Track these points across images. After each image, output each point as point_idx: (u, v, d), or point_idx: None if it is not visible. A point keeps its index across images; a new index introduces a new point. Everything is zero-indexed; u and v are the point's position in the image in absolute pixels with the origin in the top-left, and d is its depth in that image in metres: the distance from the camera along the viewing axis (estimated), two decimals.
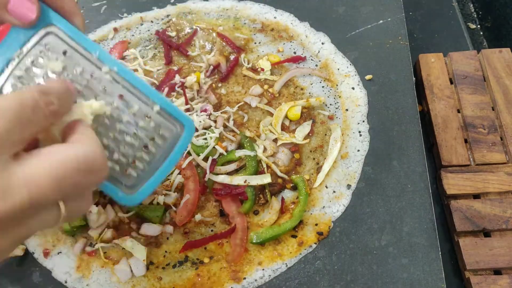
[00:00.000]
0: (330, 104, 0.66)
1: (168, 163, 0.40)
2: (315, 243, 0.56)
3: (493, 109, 0.69)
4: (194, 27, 0.75)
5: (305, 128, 0.64)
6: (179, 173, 0.60)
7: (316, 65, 0.69)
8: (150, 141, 0.39)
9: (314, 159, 0.62)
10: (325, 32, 0.71)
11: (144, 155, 0.39)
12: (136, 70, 0.71)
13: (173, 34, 0.74)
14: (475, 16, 0.92)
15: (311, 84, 0.68)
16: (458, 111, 0.69)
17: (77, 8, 0.38)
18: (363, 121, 0.64)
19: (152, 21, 0.77)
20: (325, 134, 0.64)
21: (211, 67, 0.70)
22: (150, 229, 0.57)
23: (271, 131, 0.63)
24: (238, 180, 0.59)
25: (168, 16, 0.77)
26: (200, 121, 0.63)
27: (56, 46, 0.37)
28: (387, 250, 0.55)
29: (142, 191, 0.39)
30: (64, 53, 0.37)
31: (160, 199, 0.58)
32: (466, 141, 0.67)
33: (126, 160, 0.39)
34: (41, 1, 0.36)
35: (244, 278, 0.54)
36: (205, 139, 0.62)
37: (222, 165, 0.61)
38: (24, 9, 0.34)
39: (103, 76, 0.38)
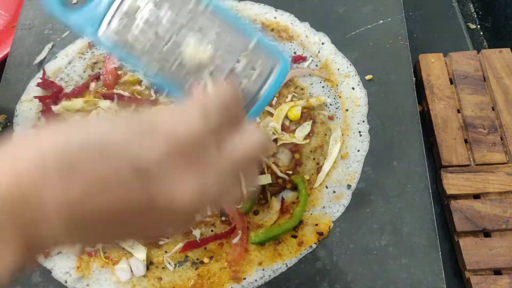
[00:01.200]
0: (330, 104, 0.66)
1: (267, 94, 0.40)
2: (315, 243, 0.56)
3: (493, 109, 0.69)
4: None
5: (305, 128, 0.64)
6: None
7: (316, 65, 0.69)
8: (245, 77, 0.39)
9: (314, 159, 0.62)
10: (325, 32, 0.71)
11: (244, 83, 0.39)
12: None
13: None
14: (475, 16, 0.92)
15: (311, 84, 0.68)
16: (458, 111, 0.69)
17: None
18: (363, 121, 0.64)
19: None
20: (325, 134, 0.64)
21: None
22: None
23: (273, 133, 0.63)
24: None
25: None
26: None
27: None
28: (387, 250, 0.55)
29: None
30: None
31: None
32: (466, 141, 0.67)
33: None
34: None
35: (244, 278, 0.55)
36: None
37: None
38: None
39: (199, 15, 0.38)
